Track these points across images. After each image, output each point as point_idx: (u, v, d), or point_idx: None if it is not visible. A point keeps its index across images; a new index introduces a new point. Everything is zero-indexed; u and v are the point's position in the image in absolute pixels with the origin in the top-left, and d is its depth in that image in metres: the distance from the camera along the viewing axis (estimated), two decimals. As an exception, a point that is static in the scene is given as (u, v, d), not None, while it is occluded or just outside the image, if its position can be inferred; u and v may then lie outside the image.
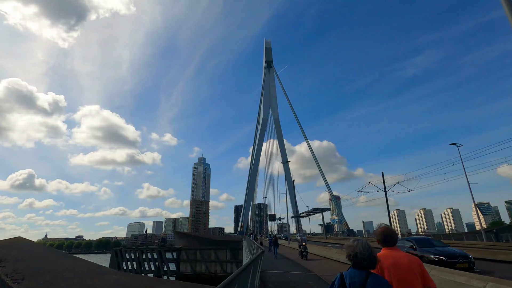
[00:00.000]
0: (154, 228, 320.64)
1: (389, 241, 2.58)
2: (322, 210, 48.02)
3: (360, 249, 2.16)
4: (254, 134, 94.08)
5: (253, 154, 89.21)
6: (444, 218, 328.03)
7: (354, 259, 2.17)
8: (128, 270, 41.61)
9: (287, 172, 79.50)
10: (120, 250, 43.69)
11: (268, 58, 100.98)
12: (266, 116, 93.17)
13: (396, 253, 2.49)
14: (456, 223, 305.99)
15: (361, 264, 2.15)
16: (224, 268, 35.73)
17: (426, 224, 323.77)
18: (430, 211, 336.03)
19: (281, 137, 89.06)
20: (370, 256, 2.14)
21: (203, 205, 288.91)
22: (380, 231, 2.65)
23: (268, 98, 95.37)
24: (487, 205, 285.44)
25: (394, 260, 2.43)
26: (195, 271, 36.96)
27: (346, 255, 2.26)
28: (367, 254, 2.14)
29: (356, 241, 2.25)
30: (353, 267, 2.19)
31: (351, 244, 2.24)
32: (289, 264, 15.84)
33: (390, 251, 2.53)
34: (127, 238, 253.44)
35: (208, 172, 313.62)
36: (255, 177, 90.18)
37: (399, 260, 2.42)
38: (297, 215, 56.90)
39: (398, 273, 2.36)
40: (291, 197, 59.26)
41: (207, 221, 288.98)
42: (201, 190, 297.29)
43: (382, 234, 2.62)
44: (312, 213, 51.55)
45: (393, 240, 2.58)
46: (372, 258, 2.15)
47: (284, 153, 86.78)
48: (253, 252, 11.53)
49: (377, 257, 2.21)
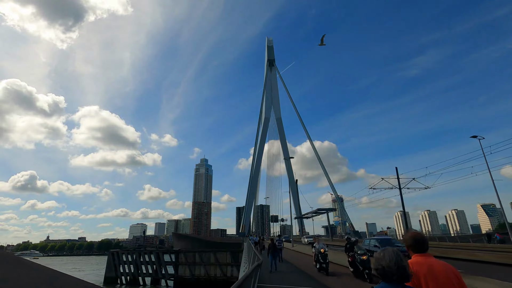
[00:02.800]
0: (156, 229, 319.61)
1: (421, 246, 2.40)
2: (327, 210, 46.13)
3: (387, 262, 1.88)
4: (255, 135, 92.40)
5: (254, 154, 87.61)
6: (449, 219, 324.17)
7: (382, 273, 1.89)
8: (125, 274, 40.15)
9: (289, 169, 77.87)
10: (117, 253, 42.17)
11: (270, 56, 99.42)
12: (268, 116, 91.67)
13: (430, 260, 2.31)
14: (461, 225, 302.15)
15: (391, 278, 1.85)
16: (224, 272, 34.10)
17: (430, 225, 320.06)
18: (435, 213, 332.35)
19: (283, 135, 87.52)
20: (398, 269, 1.84)
21: (205, 207, 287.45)
22: (410, 235, 2.48)
23: (270, 97, 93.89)
24: (493, 207, 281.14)
25: (429, 267, 2.25)
26: (194, 274, 35.36)
27: (374, 269, 1.97)
28: (394, 268, 1.84)
29: (382, 252, 1.97)
30: (384, 281, 1.89)
31: (377, 256, 1.97)
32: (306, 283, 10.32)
33: (423, 257, 2.34)
34: (129, 239, 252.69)
35: (210, 173, 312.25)
36: (257, 178, 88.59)
37: (435, 268, 2.25)
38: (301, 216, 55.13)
39: (436, 283, 2.17)
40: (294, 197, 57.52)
41: (209, 222, 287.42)
42: (203, 191, 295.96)
43: (413, 239, 2.44)
44: (316, 214, 49.68)
45: (424, 245, 2.40)
46: (402, 271, 1.85)
47: (286, 149, 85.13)
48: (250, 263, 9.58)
49: (408, 267, 1.90)
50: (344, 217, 78.64)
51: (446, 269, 2.25)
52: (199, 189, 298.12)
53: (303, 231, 75.38)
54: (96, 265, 72.87)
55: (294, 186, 70.29)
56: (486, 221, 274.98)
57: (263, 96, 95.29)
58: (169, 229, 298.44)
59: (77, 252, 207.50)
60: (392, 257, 1.89)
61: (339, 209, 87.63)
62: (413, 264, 2.28)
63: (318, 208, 46.97)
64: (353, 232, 65.73)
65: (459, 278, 2.23)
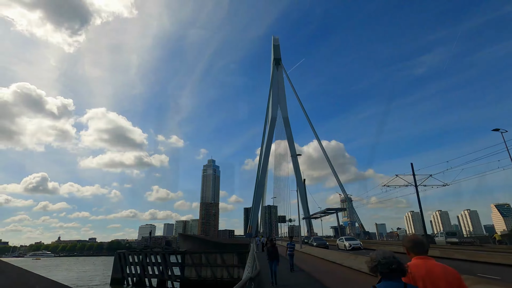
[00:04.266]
0: (165, 230, 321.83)
1: (420, 249, 2.35)
2: (337, 210, 44.87)
3: (381, 255, 2.07)
4: (261, 136, 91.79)
5: (261, 154, 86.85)
6: (461, 220, 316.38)
7: (380, 268, 2.02)
8: (131, 274, 39.86)
9: (296, 169, 76.71)
10: (124, 253, 41.93)
11: (276, 55, 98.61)
12: (274, 115, 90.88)
13: (429, 262, 2.26)
14: (474, 226, 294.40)
15: (389, 269, 1.99)
16: (231, 273, 33.35)
17: (442, 226, 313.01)
18: (446, 213, 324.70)
19: (290, 134, 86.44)
20: (395, 257, 2.03)
21: (212, 207, 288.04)
22: (409, 238, 2.48)
23: (277, 96, 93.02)
24: (507, 206, 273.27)
25: (427, 270, 2.20)
26: (200, 276, 34.71)
27: (370, 269, 2.11)
28: (391, 256, 2.03)
29: (373, 253, 2.16)
30: (384, 279, 2.02)
31: (369, 256, 2.16)
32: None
33: (422, 260, 2.29)
34: (138, 240, 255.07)
35: (218, 174, 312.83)
36: (264, 178, 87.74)
37: (433, 270, 2.20)
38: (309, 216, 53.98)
39: (434, 286, 2.14)
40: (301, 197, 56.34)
41: (217, 223, 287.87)
42: (211, 192, 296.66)
43: (412, 241, 2.41)
44: (325, 214, 48.48)
45: (424, 248, 2.36)
46: (399, 260, 2.02)
47: (293, 148, 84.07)
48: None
49: (402, 262, 2.05)
50: (353, 217, 76.95)
51: (446, 271, 2.19)
52: (207, 190, 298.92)
53: (312, 231, 74.07)
54: (103, 266, 73.15)
55: (301, 186, 69.14)
56: (501, 222, 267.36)
57: (269, 95, 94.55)
58: (177, 230, 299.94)
59: (88, 253, 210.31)
60: (386, 251, 2.07)
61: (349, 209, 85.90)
62: (412, 266, 2.22)
63: (327, 208, 45.80)
64: (363, 233, 64.09)
65: (459, 280, 2.16)
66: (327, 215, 48.75)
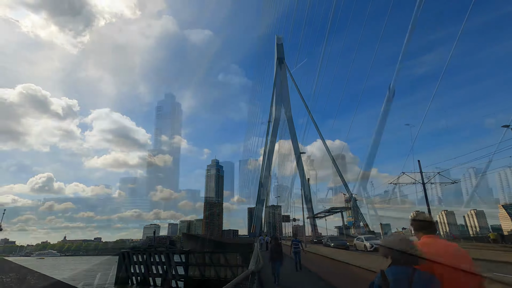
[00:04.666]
0: (169, 230, 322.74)
1: (428, 226, 2.28)
2: (341, 209, 44.46)
3: (392, 238, 2.07)
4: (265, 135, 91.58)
5: (264, 154, 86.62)
6: (468, 220, 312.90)
7: (394, 254, 1.95)
8: (135, 274, 39.97)
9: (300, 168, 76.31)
10: (128, 253, 42.07)
11: (280, 54, 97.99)
12: (278, 115, 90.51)
13: (439, 241, 2.22)
14: (481, 226, 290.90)
15: (402, 253, 1.92)
16: (235, 273, 33.15)
17: (448, 226, 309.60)
18: (452, 213, 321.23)
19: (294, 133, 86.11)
20: (410, 244, 1.97)
21: (216, 207, 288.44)
22: (416, 217, 2.39)
23: (280, 96, 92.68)
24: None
25: (438, 248, 2.13)
26: (204, 275, 34.64)
27: (382, 254, 2.07)
28: (407, 242, 1.97)
29: (389, 237, 2.15)
30: (394, 263, 1.96)
31: (385, 240, 2.15)
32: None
33: (432, 238, 2.22)
34: (143, 239, 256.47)
35: (221, 174, 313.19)
36: (267, 178, 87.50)
37: (444, 248, 2.15)
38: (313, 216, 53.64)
39: (445, 263, 2.05)
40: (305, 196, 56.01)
41: (221, 223, 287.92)
42: (214, 192, 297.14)
43: (419, 220, 2.34)
44: (330, 213, 48.10)
45: (432, 225, 2.29)
46: (414, 246, 1.97)
47: (297, 147, 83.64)
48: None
49: (416, 250, 1.95)
50: (358, 216, 76.32)
51: (455, 250, 2.15)
52: (210, 189, 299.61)
53: (316, 231, 73.64)
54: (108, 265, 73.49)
55: (306, 185, 68.76)
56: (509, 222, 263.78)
57: (273, 94, 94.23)
58: (181, 230, 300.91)
59: (93, 252, 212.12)
60: (396, 235, 2.03)
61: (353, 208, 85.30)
62: (422, 245, 2.14)
63: (331, 207, 45.41)
64: (369, 233, 63.45)
65: (468, 259, 2.12)
66: (331, 214, 48.39)
